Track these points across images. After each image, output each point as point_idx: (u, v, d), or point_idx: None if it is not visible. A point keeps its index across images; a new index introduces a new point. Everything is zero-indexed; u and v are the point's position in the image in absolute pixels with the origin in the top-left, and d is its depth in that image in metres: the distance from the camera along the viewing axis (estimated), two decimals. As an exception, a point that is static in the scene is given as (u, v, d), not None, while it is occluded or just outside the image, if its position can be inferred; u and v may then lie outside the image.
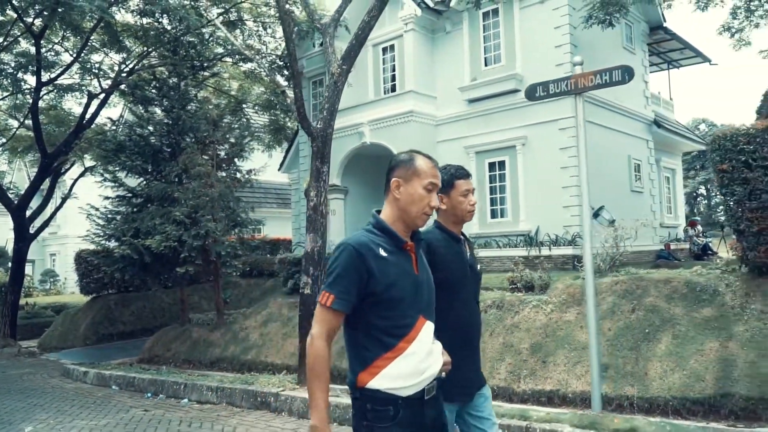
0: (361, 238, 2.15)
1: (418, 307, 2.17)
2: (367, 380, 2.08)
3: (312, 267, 7.68)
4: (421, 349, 2.14)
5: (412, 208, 2.20)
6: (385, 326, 2.10)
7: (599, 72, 5.39)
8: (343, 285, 2.06)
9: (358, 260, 2.07)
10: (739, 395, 5.73)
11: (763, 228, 6.33)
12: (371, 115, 16.37)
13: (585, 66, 13.93)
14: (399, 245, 2.18)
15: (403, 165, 2.26)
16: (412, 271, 2.19)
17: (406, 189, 2.21)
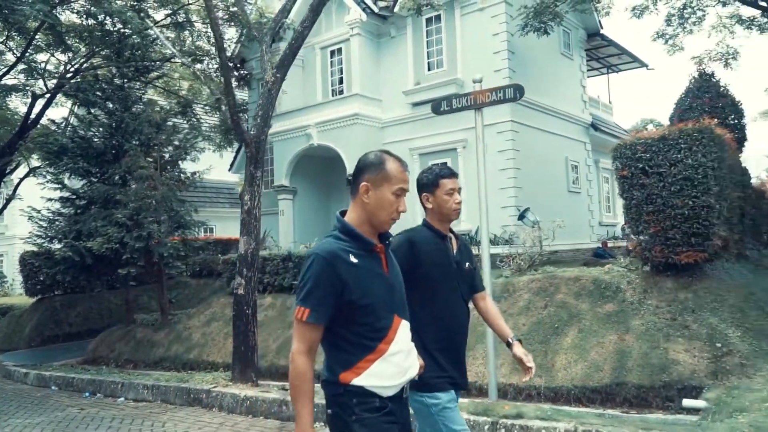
0: (330, 246, 2.10)
1: (392, 307, 2.16)
2: (351, 378, 2.08)
3: (245, 268, 7.98)
4: (402, 349, 2.16)
5: (381, 213, 2.16)
6: (364, 330, 2.08)
7: (495, 90, 5.85)
8: (317, 297, 2.02)
9: (330, 270, 2.03)
10: (632, 384, 6.28)
11: (657, 229, 6.90)
12: (318, 117, 16.67)
13: (521, 73, 14.57)
14: (368, 249, 2.15)
15: (373, 168, 2.19)
16: (383, 272, 2.18)
17: (375, 194, 2.16)
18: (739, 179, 8.29)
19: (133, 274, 11.47)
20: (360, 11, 16.10)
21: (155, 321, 12.51)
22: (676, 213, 6.73)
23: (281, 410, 6.39)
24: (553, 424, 4.60)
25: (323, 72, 17.82)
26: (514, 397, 6.90)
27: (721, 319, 6.42)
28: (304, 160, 17.60)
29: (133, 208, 11.18)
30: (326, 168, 17.76)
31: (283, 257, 11.12)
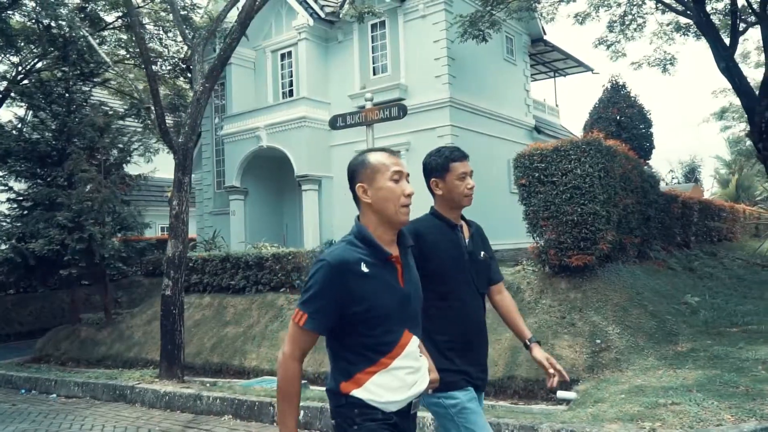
0: (341, 253, 1.99)
1: (402, 321, 2.04)
2: (350, 389, 1.99)
3: (173, 270, 8.35)
4: (406, 364, 2.04)
5: (388, 206, 2.05)
6: (369, 343, 1.98)
7: (382, 107, 6.37)
8: (319, 305, 1.93)
9: (337, 279, 1.94)
10: (521, 377, 6.84)
11: (552, 234, 7.46)
12: (268, 119, 17.00)
13: (461, 78, 15.09)
14: (383, 258, 2.03)
15: (360, 169, 2.11)
16: (397, 284, 2.05)
17: (373, 189, 2.06)
18: (639, 186, 8.89)
19: (74, 274, 11.73)
20: (307, 16, 16.47)
21: (100, 320, 12.79)
22: (567, 219, 7.30)
23: (196, 404, 6.80)
24: (425, 414, 5.10)
25: (274, 75, 18.16)
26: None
27: (603, 317, 7.01)
28: (256, 162, 17.91)
29: (75, 211, 11.44)
30: (277, 169, 18.11)
31: (222, 258, 11.49)
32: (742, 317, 7.62)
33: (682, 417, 4.48)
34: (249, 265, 10.97)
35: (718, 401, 4.82)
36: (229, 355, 9.84)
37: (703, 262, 10.80)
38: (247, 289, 10.96)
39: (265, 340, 9.66)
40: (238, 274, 11.11)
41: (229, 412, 6.48)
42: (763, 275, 11.01)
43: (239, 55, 18.22)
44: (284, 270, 10.53)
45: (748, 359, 6.00)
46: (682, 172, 40.21)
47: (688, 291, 8.54)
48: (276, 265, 10.62)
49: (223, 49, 9.18)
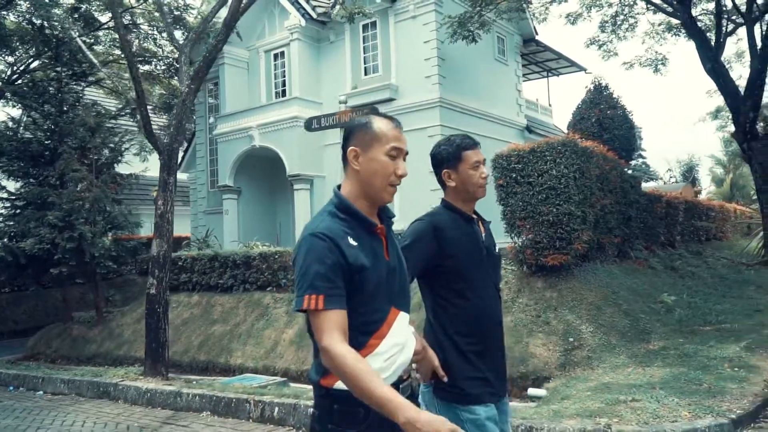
0: (330, 224, 1.82)
1: (389, 297, 1.87)
2: (334, 380, 1.78)
3: (157, 269, 8.47)
4: (394, 346, 1.85)
5: (375, 180, 1.89)
6: (355, 323, 1.77)
7: (355, 110, 6.50)
8: (326, 278, 1.73)
9: (330, 245, 1.76)
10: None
11: (529, 234, 7.57)
12: (261, 119, 17.12)
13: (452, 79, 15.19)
14: (369, 230, 1.88)
15: (360, 130, 1.93)
16: (383, 256, 1.89)
17: (366, 157, 1.89)
18: (619, 186, 8.99)
19: (65, 273, 11.85)
20: (299, 17, 16.58)
21: (91, 318, 12.91)
22: (543, 219, 7.41)
23: (176, 401, 6.92)
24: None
25: (267, 74, 18.27)
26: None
27: (577, 315, 7.12)
28: (249, 161, 18.03)
29: (65, 210, 11.56)
30: (270, 169, 18.22)
31: (211, 257, 11.60)
32: (716, 316, 7.73)
33: (640, 413, 4.59)
34: (237, 264, 11.09)
35: (679, 398, 4.93)
36: (216, 353, 9.97)
37: (686, 262, 10.90)
38: (234, 288, 11.08)
39: (251, 339, 9.78)
40: (226, 273, 11.23)
41: (207, 408, 6.59)
42: (746, 274, 11.10)
43: (233, 55, 18.37)
44: (271, 269, 10.64)
45: (716, 357, 6.11)
46: (680, 171, 40.35)
47: (667, 290, 8.64)
48: (263, 264, 10.74)
49: (209, 51, 9.28)
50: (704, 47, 12.31)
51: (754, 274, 11.04)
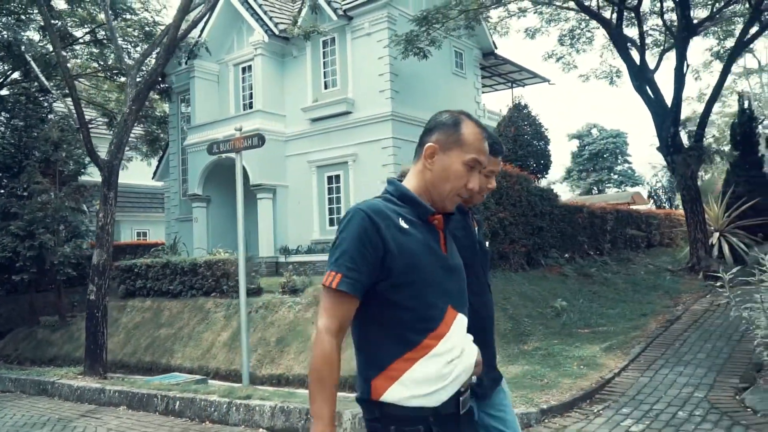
0: (378, 204, 1.73)
1: (446, 295, 1.72)
2: (383, 388, 1.63)
3: (97, 277, 9.22)
4: (453, 350, 1.69)
5: (444, 187, 1.76)
6: (406, 318, 1.64)
7: (245, 137, 7.22)
8: (352, 261, 1.63)
9: (372, 229, 1.65)
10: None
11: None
12: (227, 131, 17.74)
13: (405, 93, 15.89)
14: (424, 216, 1.75)
15: (445, 129, 1.80)
16: (439, 250, 1.76)
17: (442, 160, 1.76)
18: (525, 200, 9.71)
19: (26, 280, 12.61)
20: (263, 33, 17.34)
21: (55, 323, 13.67)
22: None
23: (100, 397, 7.66)
24: (264, 402, 5.94)
25: (236, 87, 19.03)
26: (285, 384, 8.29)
27: (465, 319, 7.83)
28: (217, 170, 18.75)
29: (27, 220, 12.33)
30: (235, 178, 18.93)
31: (163, 264, 12.35)
32: (598, 319, 8.43)
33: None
34: (185, 271, 11.84)
35: (512, 392, 5.64)
36: (159, 354, 10.70)
37: (604, 269, 11.59)
38: (183, 294, 11.82)
39: (191, 341, 10.52)
40: (176, 279, 11.97)
41: (124, 403, 7.33)
42: (664, 280, 11.77)
43: (203, 68, 19.14)
44: (215, 276, 11.38)
45: (573, 357, 6.82)
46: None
47: (566, 295, 9.34)
48: (207, 272, 11.48)
49: (149, 74, 10.04)
50: (631, 66, 13.02)
51: (671, 280, 11.72)
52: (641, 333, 7.81)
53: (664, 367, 6.41)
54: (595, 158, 50.89)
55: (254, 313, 10.10)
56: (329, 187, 16.95)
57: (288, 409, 5.76)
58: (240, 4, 17.90)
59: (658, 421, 4.91)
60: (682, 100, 12.49)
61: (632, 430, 4.75)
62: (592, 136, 51.86)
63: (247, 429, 5.97)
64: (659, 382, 5.96)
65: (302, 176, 17.32)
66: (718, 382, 5.76)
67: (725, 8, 13.39)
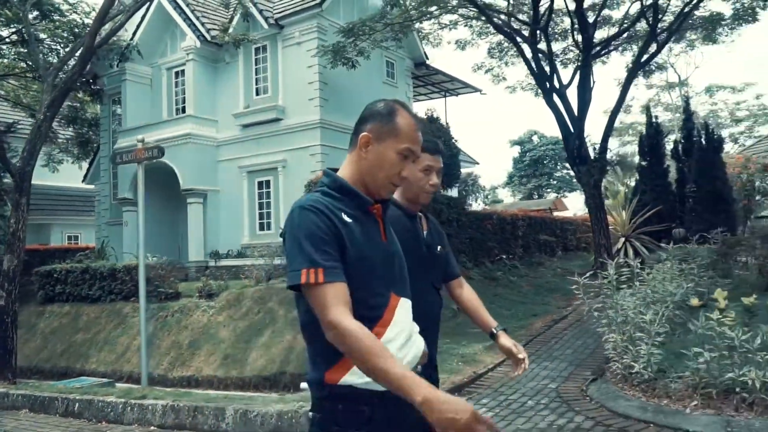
0: (316, 198, 1.74)
1: (388, 282, 1.77)
2: (338, 377, 1.67)
3: (7, 283, 9.31)
4: (400, 334, 1.74)
5: (378, 174, 1.79)
6: (356, 308, 1.64)
7: (146, 148, 7.54)
8: (324, 251, 1.63)
9: (324, 219, 1.66)
10: (290, 372, 8.08)
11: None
12: (158, 135, 17.85)
13: (335, 101, 16.28)
14: (364, 207, 1.78)
15: (379, 118, 1.81)
16: (379, 238, 1.80)
17: (377, 149, 1.79)
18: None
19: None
20: (195, 38, 17.49)
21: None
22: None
23: (3, 401, 7.78)
24: (156, 402, 6.26)
25: (168, 91, 19.07)
26: (214, 387, 8.58)
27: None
28: (148, 175, 18.53)
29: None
30: (170, 183, 18.99)
31: (83, 269, 12.43)
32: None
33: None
34: (104, 276, 11.96)
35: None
36: (75, 359, 10.82)
37: (512, 272, 12.27)
38: (102, 299, 11.93)
39: (107, 345, 10.68)
40: (95, 284, 12.08)
41: (27, 406, 7.50)
42: (565, 283, 12.47)
43: (135, 72, 19.13)
44: (133, 281, 11.51)
45: (456, 354, 7.38)
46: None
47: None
48: (126, 276, 11.64)
49: (64, 82, 10.17)
50: (542, 82, 13.78)
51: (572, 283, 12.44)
52: (526, 332, 8.43)
53: (533, 363, 7.00)
54: (536, 164, 52.44)
55: (170, 317, 10.35)
56: (259, 192, 17.21)
57: (178, 407, 6.09)
58: (173, 8, 17.99)
59: (508, 409, 5.47)
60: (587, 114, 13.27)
61: (482, 419, 5.27)
62: (533, 143, 53.41)
63: (140, 427, 6.27)
64: (525, 375, 6.54)
65: (233, 181, 17.54)
66: (573, 375, 6.38)
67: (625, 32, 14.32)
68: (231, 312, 9.65)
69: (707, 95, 37.20)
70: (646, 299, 6.33)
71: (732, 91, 36.43)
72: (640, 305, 5.93)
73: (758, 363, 4.45)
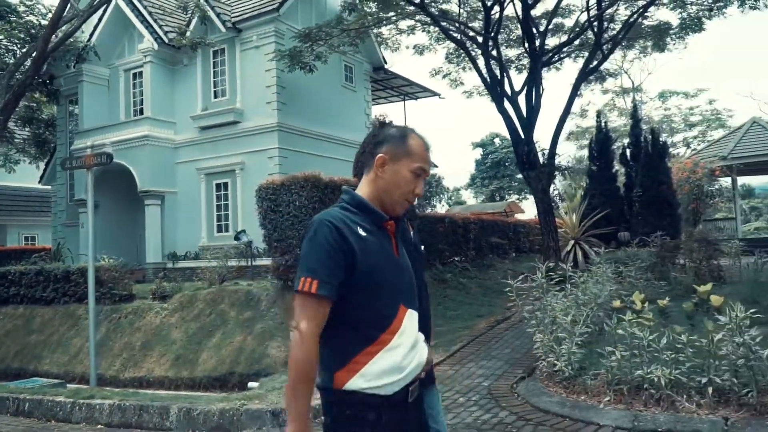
0: (335, 213, 1.89)
1: (398, 293, 1.92)
2: (345, 379, 1.80)
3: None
4: (406, 342, 1.89)
5: (395, 192, 1.95)
6: (367, 317, 1.83)
7: (95, 155, 7.69)
8: (327, 266, 1.77)
9: (339, 236, 1.81)
10: (238, 372, 8.29)
11: (281, 254, 8.97)
12: (115, 136, 17.80)
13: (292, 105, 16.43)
14: (379, 223, 1.94)
15: (394, 141, 1.99)
16: (392, 252, 1.95)
17: (392, 168, 1.95)
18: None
19: None
20: (152, 40, 17.50)
21: None
22: (290, 242, 8.83)
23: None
24: (104, 401, 6.44)
25: (126, 93, 19.00)
26: (168, 387, 8.74)
27: (311, 322, 8.56)
28: (106, 176, 18.60)
29: None
30: (128, 185, 18.94)
31: (37, 272, 12.40)
32: (437, 320, 9.35)
33: (280, 395, 6.01)
34: (58, 278, 11.97)
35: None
36: (28, 360, 10.83)
37: (462, 274, 12.66)
38: (56, 301, 11.93)
39: (60, 347, 10.72)
40: (49, 286, 12.07)
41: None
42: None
43: (92, 73, 18.99)
44: (87, 283, 11.58)
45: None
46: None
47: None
48: (80, 278, 11.66)
49: (18, 86, 10.20)
50: (492, 90, 14.20)
51: (521, 285, 12.91)
52: (469, 332, 8.80)
53: (472, 362, 7.36)
54: (497, 166, 53.26)
55: (123, 318, 10.44)
56: (218, 194, 17.31)
57: (124, 406, 6.29)
58: (130, 10, 17.95)
59: (439, 406, 5.78)
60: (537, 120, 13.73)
61: (414, 414, 5.59)
62: (495, 145, 54.23)
63: (88, 426, 6.44)
64: (462, 374, 6.90)
65: (191, 183, 17.59)
66: (507, 374, 6.74)
67: (574, 40, 14.86)
68: (183, 314, 9.81)
69: (660, 101, 38.42)
70: (577, 301, 6.74)
71: (685, 97, 37.69)
72: (571, 307, 6.31)
73: (664, 361, 4.85)
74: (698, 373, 4.71)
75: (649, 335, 5.00)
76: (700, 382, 4.64)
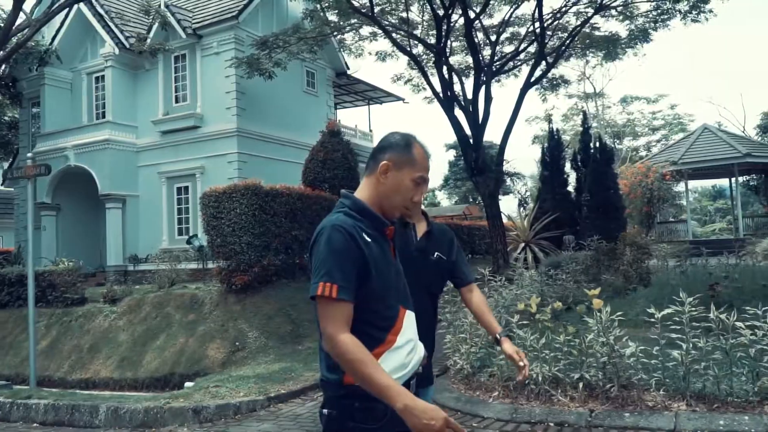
0: (343, 219, 1.90)
1: (397, 296, 1.98)
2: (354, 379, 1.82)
3: None
4: (408, 342, 1.96)
5: (395, 198, 1.99)
6: (373, 319, 1.87)
7: (35, 166, 8.02)
8: (344, 271, 1.80)
9: (353, 243, 1.84)
10: (179, 373, 8.65)
11: (223, 259, 9.34)
12: (76, 140, 18.04)
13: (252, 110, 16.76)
14: (380, 229, 1.97)
15: (398, 149, 2.02)
16: (390, 256, 2.00)
17: (395, 175, 1.98)
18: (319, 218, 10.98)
19: None
20: (113, 45, 17.71)
21: None
22: (231, 248, 9.21)
23: None
24: (40, 401, 6.76)
25: (89, 96, 19.12)
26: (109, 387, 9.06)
27: (250, 324, 8.96)
28: (67, 178, 18.80)
29: None
30: (90, 188, 19.11)
31: (-6, 276, 12.61)
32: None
33: (206, 394, 6.39)
34: (12, 281, 12.19)
35: (258, 385, 6.77)
36: (-20, 362, 11.06)
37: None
38: (10, 304, 12.15)
39: (12, 349, 10.97)
40: (3, 290, 12.28)
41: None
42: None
43: (55, 76, 19.13)
44: (40, 287, 11.80)
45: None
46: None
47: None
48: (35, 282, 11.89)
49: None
50: (441, 101, 14.68)
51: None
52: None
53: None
54: (470, 168, 53.76)
55: (74, 321, 10.73)
56: (178, 198, 17.59)
57: (58, 405, 6.62)
58: (92, 15, 18.13)
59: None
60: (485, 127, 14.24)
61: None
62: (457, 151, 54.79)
63: (25, 424, 6.76)
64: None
65: (153, 187, 17.83)
66: (424, 372, 7.17)
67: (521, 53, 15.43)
68: (131, 317, 10.13)
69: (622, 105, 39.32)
70: (497, 305, 7.21)
71: (647, 102, 38.62)
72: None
73: (544, 359, 5.34)
74: (572, 370, 5.20)
75: (530, 335, 5.48)
76: (573, 378, 5.13)
